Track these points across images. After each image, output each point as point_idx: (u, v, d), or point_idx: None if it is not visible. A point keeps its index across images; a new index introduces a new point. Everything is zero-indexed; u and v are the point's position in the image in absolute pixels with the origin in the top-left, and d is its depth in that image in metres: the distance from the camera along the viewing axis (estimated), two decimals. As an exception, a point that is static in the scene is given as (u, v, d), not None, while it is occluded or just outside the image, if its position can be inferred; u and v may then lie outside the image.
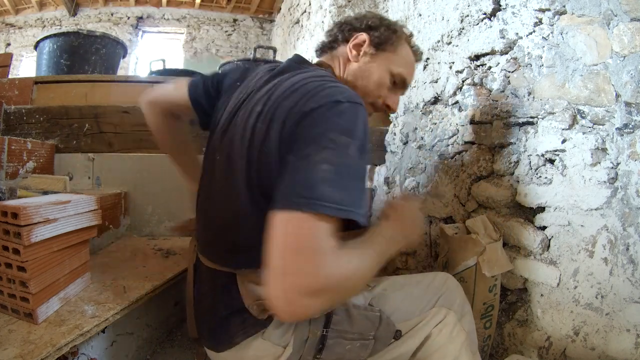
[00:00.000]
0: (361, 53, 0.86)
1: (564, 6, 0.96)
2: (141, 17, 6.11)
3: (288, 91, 0.67)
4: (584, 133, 0.91)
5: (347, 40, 0.88)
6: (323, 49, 0.93)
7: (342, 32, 0.89)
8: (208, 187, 0.79)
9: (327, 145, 0.56)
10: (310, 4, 3.54)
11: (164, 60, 2.53)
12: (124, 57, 2.19)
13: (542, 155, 1.02)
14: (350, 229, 0.57)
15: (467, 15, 1.35)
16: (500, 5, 1.20)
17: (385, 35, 0.86)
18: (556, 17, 0.99)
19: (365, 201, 0.56)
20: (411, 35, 0.93)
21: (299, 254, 0.50)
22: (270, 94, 0.69)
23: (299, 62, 0.81)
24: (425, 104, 1.57)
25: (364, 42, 0.86)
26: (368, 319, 0.75)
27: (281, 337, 0.72)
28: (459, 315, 0.83)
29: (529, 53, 1.08)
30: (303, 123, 0.60)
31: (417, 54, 0.93)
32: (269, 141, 0.63)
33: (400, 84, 0.89)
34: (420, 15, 1.82)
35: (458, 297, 0.86)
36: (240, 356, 0.74)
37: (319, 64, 0.89)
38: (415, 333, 0.78)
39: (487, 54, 1.25)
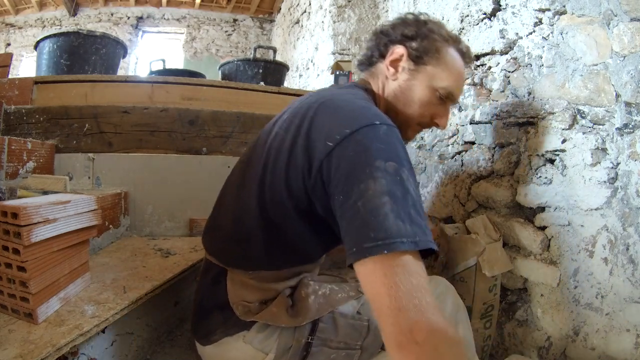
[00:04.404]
0: (399, 70, 0.78)
1: (564, 6, 0.96)
2: (141, 17, 6.12)
3: (312, 101, 0.66)
4: (584, 133, 0.91)
5: (383, 56, 0.79)
6: (362, 63, 0.85)
7: (378, 47, 0.80)
8: (233, 182, 0.79)
9: (378, 175, 0.51)
10: (310, 4, 3.54)
11: (164, 60, 2.54)
12: (124, 57, 2.19)
13: (542, 155, 1.02)
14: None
15: (467, 15, 1.35)
16: (500, 5, 1.20)
17: (424, 45, 0.76)
18: (556, 17, 0.99)
19: (428, 225, 0.53)
20: (456, 38, 0.80)
21: (398, 299, 0.46)
22: (296, 103, 0.71)
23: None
24: (425, 104, 1.57)
25: (401, 56, 0.77)
26: (355, 328, 0.73)
27: (263, 343, 0.70)
28: (452, 323, 0.79)
29: (529, 53, 1.08)
30: (341, 150, 0.55)
31: (466, 57, 0.81)
32: (292, 148, 0.63)
33: (448, 97, 0.79)
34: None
35: (450, 303, 0.83)
36: (221, 355, 0.74)
37: (357, 83, 0.83)
38: None
39: (487, 54, 1.25)
